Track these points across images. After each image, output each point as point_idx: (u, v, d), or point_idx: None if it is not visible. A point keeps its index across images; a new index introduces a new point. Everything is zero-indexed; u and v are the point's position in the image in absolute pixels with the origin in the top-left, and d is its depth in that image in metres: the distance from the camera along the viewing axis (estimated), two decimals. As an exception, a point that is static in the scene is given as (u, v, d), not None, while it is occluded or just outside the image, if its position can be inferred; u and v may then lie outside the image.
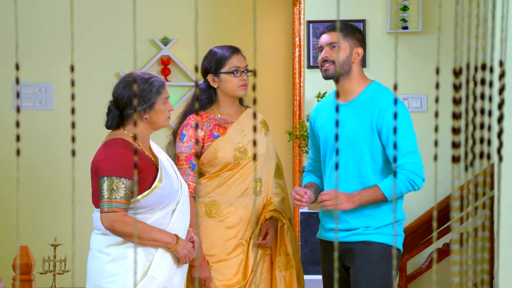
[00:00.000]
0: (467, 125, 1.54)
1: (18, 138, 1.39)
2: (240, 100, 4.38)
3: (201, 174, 4.28)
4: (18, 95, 1.55)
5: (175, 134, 4.30)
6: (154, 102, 3.80)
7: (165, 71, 6.68)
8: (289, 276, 4.34)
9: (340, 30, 4.01)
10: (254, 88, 1.61)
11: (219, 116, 4.31)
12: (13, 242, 6.37)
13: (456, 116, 1.47)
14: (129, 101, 3.76)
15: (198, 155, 4.34)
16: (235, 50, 4.30)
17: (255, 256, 4.27)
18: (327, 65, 3.98)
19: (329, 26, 4.06)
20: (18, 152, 1.38)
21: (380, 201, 3.87)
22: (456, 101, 1.44)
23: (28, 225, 6.44)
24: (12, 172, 6.40)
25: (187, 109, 4.34)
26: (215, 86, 4.28)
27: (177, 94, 6.59)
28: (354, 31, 4.01)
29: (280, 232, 4.34)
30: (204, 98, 4.29)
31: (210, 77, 4.27)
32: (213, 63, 4.26)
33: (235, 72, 4.25)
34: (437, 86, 1.51)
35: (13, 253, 5.21)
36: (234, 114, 4.34)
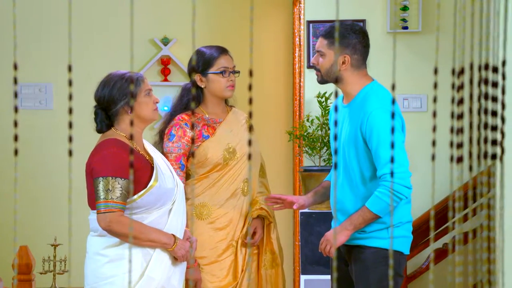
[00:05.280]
0: (470, 125, 1.54)
1: (16, 138, 1.38)
2: (225, 100, 4.38)
3: (188, 176, 4.27)
4: (16, 95, 1.55)
5: (162, 134, 4.29)
6: (135, 93, 3.81)
7: (165, 71, 6.68)
8: (274, 274, 4.35)
9: (328, 37, 3.94)
10: (250, 88, 1.60)
11: (207, 116, 4.30)
12: (13, 242, 6.36)
13: (457, 116, 1.47)
14: (111, 98, 3.78)
15: (194, 155, 4.33)
16: (223, 51, 4.30)
17: (244, 255, 4.28)
18: (316, 71, 3.99)
19: (323, 30, 4.02)
20: (16, 152, 1.38)
21: (373, 220, 3.80)
22: (458, 101, 1.44)
23: (28, 225, 6.43)
24: (13, 171, 6.40)
25: (174, 109, 4.33)
26: (202, 86, 4.27)
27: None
28: (346, 35, 3.89)
29: (266, 231, 4.35)
30: (192, 98, 4.29)
31: (197, 77, 4.26)
32: (201, 63, 4.26)
33: (223, 72, 4.24)
34: (435, 86, 1.51)
35: (13, 253, 5.20)
36: (221, 114, 4.34)
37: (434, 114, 1.44)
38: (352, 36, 3.90)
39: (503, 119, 1.60)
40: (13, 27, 6.48)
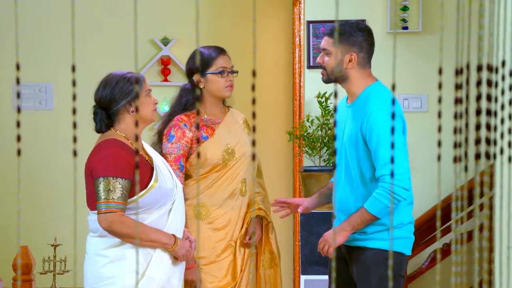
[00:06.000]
0: (467, 125, 1.54)
1: (18, 138, 1.38)
2: (223, 100, 4.38)
3: (187, 176, 4.27)
4: (18, 95, 1.55)
5: (161, 134, 4.28)
6: (137, 93, 3.81)
7: (165, 71, 6.68)
8: (273, 274, 4.35)
9: (335, 35, 3.92)
10: (253, 88, 1.60)
11: (205, 116, 4.30)
12: (13, 242, 6.36)
13: (458, 116, 1.47)
14: (112, 97, 3.78)
15: (199, 155, 4.34)
16: (221, 51, 4.30)
17: (243, 256, 4.28)
18: (322, 70, 3.97)
19: (328, 29, 4.02)
20: (19, 152, 1.38)
21: (372, 221, 3.80)
22: (458, 101, 1.44)
23: (28, 225, 6.43)
24: (12, 172, 6.39)
25: (173, 109, 4.33)
26: (201, 87, 4.28)
27: (177, 94, 6.58)
28: (352, 33, 3.89)
29: (265, 231, 4.36)
30: (191, 99, 4.29)
31: (196, 77, 4.27)
32: (199, 63, 4.26)
33: (222, 72, 4.24)
34: (440, 86, 1.51)
35: (13, 253, 5.20)
36: (219, 114, 4.34)
37: (439, 115, 1.44)
38: (358, 34, 3.90)
39: (502, 120, 1.61)
40: (15, 27, 6.48)
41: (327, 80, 3.96)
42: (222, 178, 4.25)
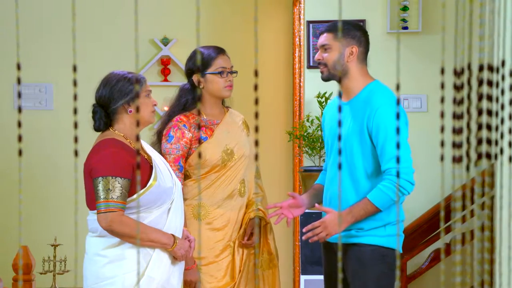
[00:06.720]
0: (468, 125, 1.54)
1: (20, 139, 1.38)
2: (222, 101, 4.37)
3: (186, 177, 4.27)
4: (19, 95, 1.55)
5: (160, 134, 4.28)
6: (136, 93, 3.81)
7: (165, 71, 6.68)
8: (271, 275, 4.35)
9: (334, 31, 3.95)
10: (255, 88, 1.60)
11: (205, 117, 4.29)
12: (13, 242, 6.36)
13: (457, 116, 1.47)
14: (111, 96, 3.78)
15: (200, 155, 4.33)
16: (221, 51, 4.29)
17: (242, 256, 4.28)
18: (321, 67, 3.97)
19: (325, 27, 4.03)
20: (20, 153, 1.38)
21: (374, 213, 3.81)
22: (458, 102, 1.44)
23: (28, 225, 6.43)
24: (12, 172, 6.39)
25: (172, 109, 4.32)
26: (201, 87, 4.27)
27: (177, 94, 6.57)
28: (350, 29, 3.93)
29: (263, 231, 4.35)
30: (190, 99, 4.28)
31: (195, 77, 4.26)
32: (199, 63, 4.25)
33: (221, 73, 4.24)
34: (442, 86, 1.51)
35: (13, 253, 5.20)
36: (218, 115, 4.33)
37: (442, 115, 1.45)
38: (356, 29, 3.96)
39: (502, 120, 1.61)
40: (15, 27, 6.48)
41: (327, 77, 3.96)
42: (221, 178, 4.25)
